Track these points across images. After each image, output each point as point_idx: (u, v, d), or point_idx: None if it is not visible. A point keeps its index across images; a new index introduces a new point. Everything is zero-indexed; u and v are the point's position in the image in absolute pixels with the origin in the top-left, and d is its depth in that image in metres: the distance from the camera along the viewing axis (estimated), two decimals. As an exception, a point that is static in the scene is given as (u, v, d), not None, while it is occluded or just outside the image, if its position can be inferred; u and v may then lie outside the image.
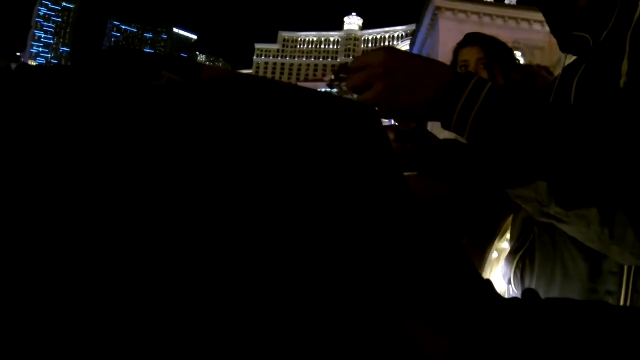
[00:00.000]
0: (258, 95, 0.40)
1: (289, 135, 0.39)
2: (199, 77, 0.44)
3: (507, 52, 1.70)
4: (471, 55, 1.68)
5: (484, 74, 1.64)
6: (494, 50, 1.67)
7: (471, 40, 1.72)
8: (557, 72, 0.83)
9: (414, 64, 0.58)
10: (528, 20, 23.43)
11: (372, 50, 0.61)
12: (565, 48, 0.75)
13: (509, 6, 26.01)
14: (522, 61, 1.84)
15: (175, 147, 0.37)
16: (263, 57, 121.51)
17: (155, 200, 0.36)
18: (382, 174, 0.40)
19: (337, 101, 0.42)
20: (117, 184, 0.37)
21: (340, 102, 0.42)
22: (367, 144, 0.40)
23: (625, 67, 0.57)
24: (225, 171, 0.37)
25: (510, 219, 1.00)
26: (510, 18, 24.79)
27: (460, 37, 1.81)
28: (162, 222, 0.36)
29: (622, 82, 0.57)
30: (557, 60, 0.84)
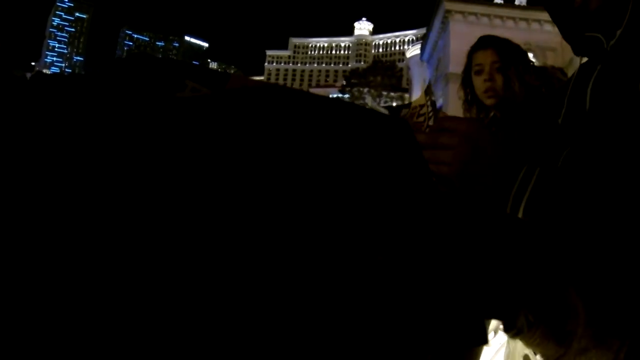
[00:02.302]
0: (293, 108, 0.40)
1: (323, 147, 0.39)
2: (224, 87, 0.42)
3: (521, 54, 1.69)
4: (485, 59, 1.67)
5: (499, 78, 1.63)
6: (508, 53, 1.65)
7: (485, 43, 1.71)
8: (570, 72, 0.82)
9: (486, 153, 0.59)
10: (539, 21, 23.24)
11: (450, 123, 0.62)
12: (578, 51, 0.74)
13: (520, 7, 25.82)
14: (534, 62, 1.82)
15: (196, 156, 0.37)
16: (274, 64, 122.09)
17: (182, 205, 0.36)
18: (414, 181, 0.41)
19: (370, 114, 0.42)
20: (128, 186, 0.36)
21: (374, 115, 0.42)
22: (399, 155, 0.41)
23: None
24: (255, 181, 0.37)
25: None
26: (521, 19, 24.61)
27: (471, 40, 1.80)
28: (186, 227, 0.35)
29: None
30: (569, 60, 0.84)
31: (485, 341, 0.42)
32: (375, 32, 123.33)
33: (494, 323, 1.14)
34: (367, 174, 0.39)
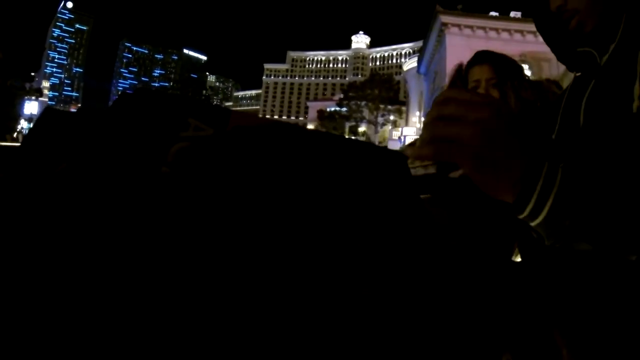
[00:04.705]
0: (292, 148, 0.42)
1: (325, 184, 0.41)
2: (226, 124, 0.43)
3: (517, 69, 1.70)
4: (481, 75, 1.67)
5: (495, 93, 1.64)
6: (504, 69, 1.66)
7: (481, 58, 1.72)
8: (565, 83, 0.82)
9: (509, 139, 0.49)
10: (534, 33, 23.46)
11: (471, 99, 0.50)
12: (572, 67, 0.74)
13: (515, 19, 26.10)
14: (529, 73, 1.84)
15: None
16: (272, 77, 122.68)
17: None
18: (407, 210, 0.43)
19: (367, 147, 0.44)
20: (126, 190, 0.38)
21: (370, 149, 0.44)
22: (395, 186, 0.43)
23: (637, 90, 0.56)
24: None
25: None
26: (516, 31, 24.88)
27: (467, 53, 1.81)
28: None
29: (635, 105, 0.56)
30: (564, 71, 0.84)
31: None
32: (372, 45, 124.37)
33: None
34: (364, 207, 0.41)
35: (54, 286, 0.35)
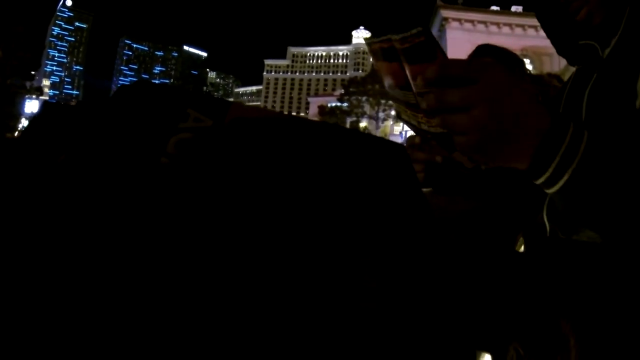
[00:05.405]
0: (292, 138, 0.42)
1: (324, 175, 0.41)
2: (225, 115, 0.43)
3: (518, 63, 1.69)
4: None
5: None
6: (505, 63, 1.66)
7: (482, 52, 1.72)
8: (566, 78, 0.82)
9: (521, 98, 0.46)
10: (535, 27, 23.41)
11: (477, 62, 0.47)
12: (573, 61, 0.74)
13: (515, 14, 25.97)
14: (530, 68, 1.83)
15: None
16: (273, 73, 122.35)
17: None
18: (408, 202, 0.42)
19: (368, 139, 0.44)
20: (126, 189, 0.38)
21: (371, 140, 0.44)
22: (396, 179, 0.43)
23: None
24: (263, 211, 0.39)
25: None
26: (517, 25, 24.76)
27: (468, 47, 1.81)
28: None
29: (638, 102, 0.55)
30: (565, 65, 0.83)
31: None
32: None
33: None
34: (366, 197, 0.41)
35: (53, 277, 0.35)
